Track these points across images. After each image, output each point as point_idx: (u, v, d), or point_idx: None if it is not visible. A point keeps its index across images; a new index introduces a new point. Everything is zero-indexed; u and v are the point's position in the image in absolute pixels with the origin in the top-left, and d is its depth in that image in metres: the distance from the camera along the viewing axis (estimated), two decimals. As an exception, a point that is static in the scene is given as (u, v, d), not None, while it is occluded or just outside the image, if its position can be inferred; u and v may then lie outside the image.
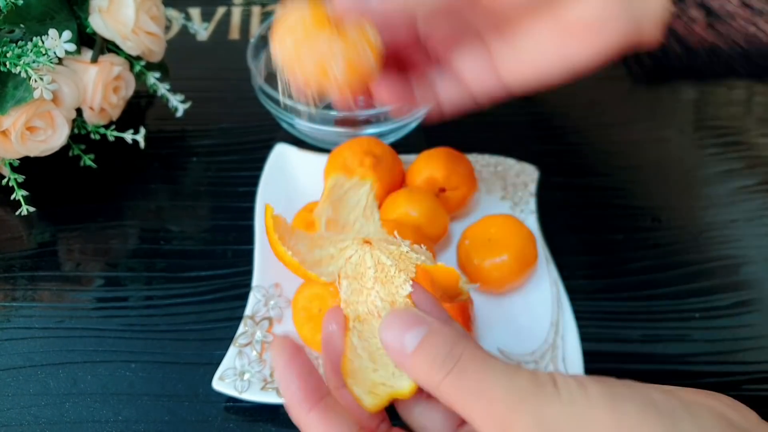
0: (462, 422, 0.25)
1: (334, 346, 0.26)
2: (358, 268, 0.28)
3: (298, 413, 0.24)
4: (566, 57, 0.28)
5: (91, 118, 0.50)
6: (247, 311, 0.41)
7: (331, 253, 0.29)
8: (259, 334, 0.40)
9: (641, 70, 0.30)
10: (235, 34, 0.67)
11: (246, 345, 0.40)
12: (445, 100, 0.31)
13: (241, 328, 0.40)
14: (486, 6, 0.28)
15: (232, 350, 0.39)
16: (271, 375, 0.38)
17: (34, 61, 0.43)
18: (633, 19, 0.27)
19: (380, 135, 0.51)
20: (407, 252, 0.28)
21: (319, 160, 0.48)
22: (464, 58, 0.30)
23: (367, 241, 0.28)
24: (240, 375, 0.38)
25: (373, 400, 0.24)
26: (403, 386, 0.24)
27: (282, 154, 0.50)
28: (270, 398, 0.37)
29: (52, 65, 0.44)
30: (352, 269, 0.28)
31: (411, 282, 0.26)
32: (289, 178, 0.49)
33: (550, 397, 0.21)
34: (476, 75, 0.31)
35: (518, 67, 0.29)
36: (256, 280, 0.43)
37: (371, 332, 0.26)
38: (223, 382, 0.37)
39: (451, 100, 0.31)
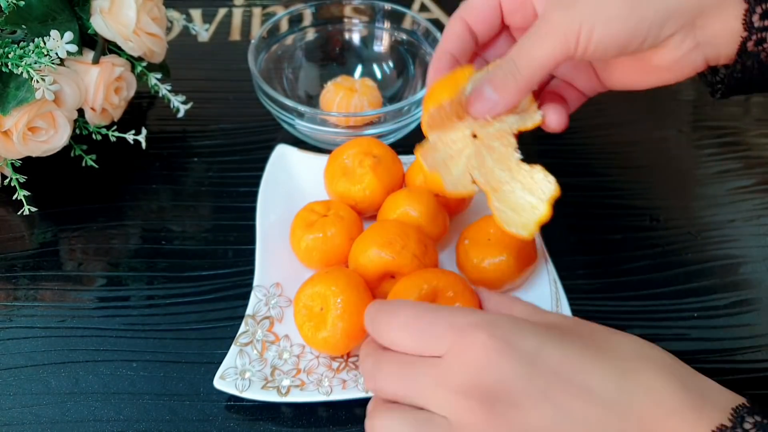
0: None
1: None
2: (479, 160, 0.36)
3: None
4: (650, 83, 0.35)
5: (92, 118, 0.50)
6: (248, 310, 0.41)
7: (452, 152, 0.37)
8: (260, 334, 0.40)
9: (717, 81, 0.34)
10: (236, 35, 0.67)
11: (247, 344, 0.40)
12: (570, 100, 0.39)
13: (242, 328, 0.41)
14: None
15: (233, 349, 0.39)
16: (272, 374, 0.38)
17: (35, 62, 0.43)
18: (704, 56, 0.32)
19: (380, 135, 0.51)
20: (500, 127, 0.36)
21: (320, 160, 0.48)
22: (575, 73, 0.39)
23: (474, 136, 0.36)
24: (241, 374, 0.38)
25: (526, 230, 0.35)
26: (544, 212, 0.36)
27: (283, 154, 0.50)
28: (271, 397, 0.37)
29: (53, 66, 0.44)
30: (477, 163, 0.36)
31: (515, 147, 0.36)
32: (290, 178, 0.49)
33: None
34: (585, 84, 0.39)
35: (615, 83, 0.37)
36: (257, 280, 0.43)
37: (505, 195, 0.36)
38: (224, 381, 0.38)
39: (573, 100, 0.39)
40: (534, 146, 0.55)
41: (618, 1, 0.31)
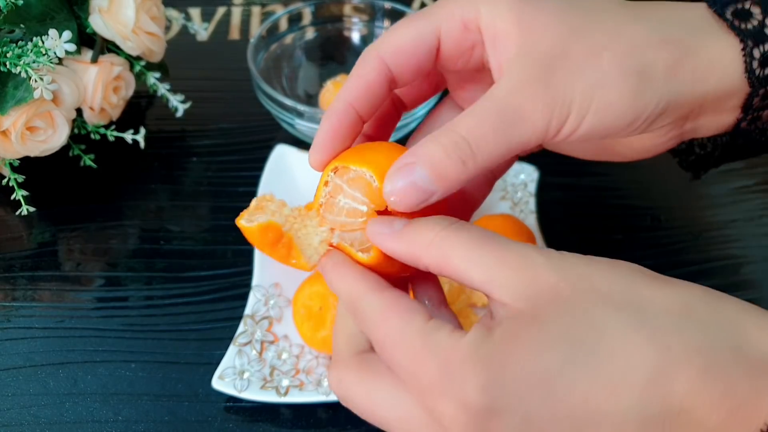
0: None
1: None
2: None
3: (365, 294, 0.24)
4: (598, 158, 0.30)
5: (91, 118, 0.50)
6: (247, 310, 0.41)
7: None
8: (258, 334, 0.40)
9: (690, 166, 0.31)
10: (235, 34, 0.67)
11: (246, 344, 0.40)
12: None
13: (240, 328, 0.40)
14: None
15: (231, 349, 0.39)
16: (271, 374, 0.38)
17: (34, 61, 0.43)
18: (684, 138, 0.28)
19: (380, 135, 0.51)
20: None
21: (319, 160, 0.48)
22: None
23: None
24: (240, 374, 0.38)
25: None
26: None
27: (282, 154, 0.50)
28: (269, 397, 0.37)
29: (52, 65, 0.44)
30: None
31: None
32: (289, 178, 0.49)
33: (552, 252, 0.24)
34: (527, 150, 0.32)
35: (555, 149, 0.31)
36: (255, 280, 0.43)
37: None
38: (223, 381, 0.37)
39: (500, 170, 0.32)
40: (534, 146, 0.55)
41: (621, 87, 0.25)
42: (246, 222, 0.28)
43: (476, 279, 0.23)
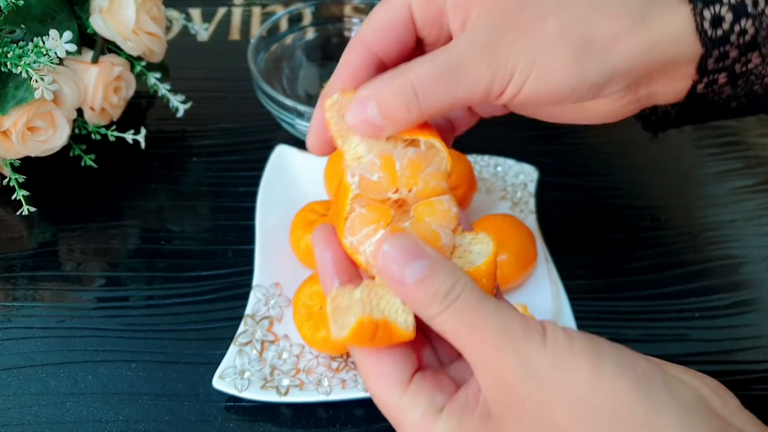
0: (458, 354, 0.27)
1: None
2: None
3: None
4: (573, 121, 0.30)
5: (91, 118, 0.50)
6: (248, 310, 0.41)
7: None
8: (259, 333, 0.40)
9: (649, 125, 0.31)
10: (235, 34, 0.67)
11: (246, 344, 0.40)
12: (457, 124, 0.33)
13: (241, 327, 0.40)
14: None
15: (232, 349, 0.39)
16: (271, 374, 0.38)
17: (35, 62, 0.43)
18: (643, 105, 0.29)
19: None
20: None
21: (320, 160, 0.48)
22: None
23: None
24: (240, 374, 0.38)
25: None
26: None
27: (283, 154, 0.50)
28: (270, 397, 0.37)
29: (52, 65, 0.44)
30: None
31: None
32: (290, 178, 0.49)
33: (536, 344, 0.23)
34: (485, 109, 0.32)
35: (524, 113, 0.31)
36: (256, 280, 0.43)
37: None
38: (223, 381, 0.38)
39: (461, 123, 0.33)
40: (534, 146, 0.55)
41: (561, 55, 0.26)
42: (338, 332, 0.25)
43: (468, 356, 0.24)
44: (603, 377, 0.22)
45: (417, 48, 0.30)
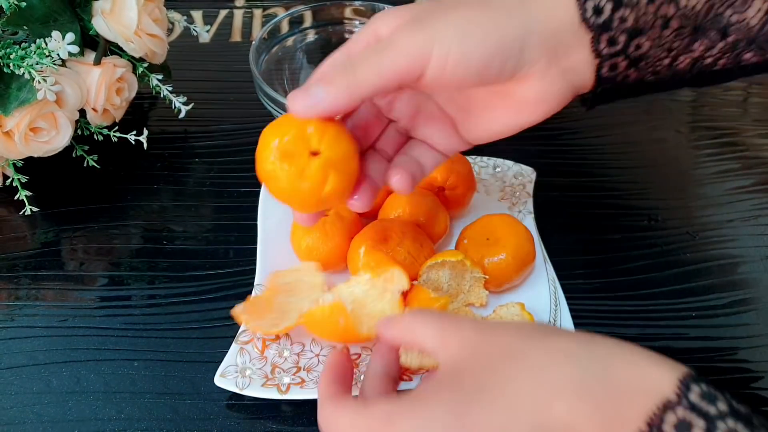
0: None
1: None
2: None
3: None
4: (519, 123, 0.32)
5: (94, 119, 0.50)
6: (249, 310, 0.42)
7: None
8: (260, 332, 0.41)
9: (586, 101, 0.34)
10: (236, 36, 0.67)
11: (248, 342, 0.40)
12: (425, 163, 0.35)
13: (242, 326, 0.41)
14: (445, 92, 0.33)
15: (233, 347, 0.39)
16: (272, 372, 0.39)
17: (37, 63, 0.43)
18: (570, 84, 0.31)
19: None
20: None
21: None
22: (431, 130, 0.34)
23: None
24: (241, 371, 0.38)
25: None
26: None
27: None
28: (271, 394, 0.37)
29: (55, 67, 0.44)
30: None
31: None
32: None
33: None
34: (444, 141, 0.35)
35: (479, 133, 0.34)
36: (258, 278, 0.43)
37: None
38: (225, 379, 0.38)
39: (428, 162, 0.35)
40: (533, 147, 0.55)
41: (476, 21, 0.29)
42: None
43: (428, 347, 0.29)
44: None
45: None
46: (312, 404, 0.38)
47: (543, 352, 0.26)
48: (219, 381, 0.38)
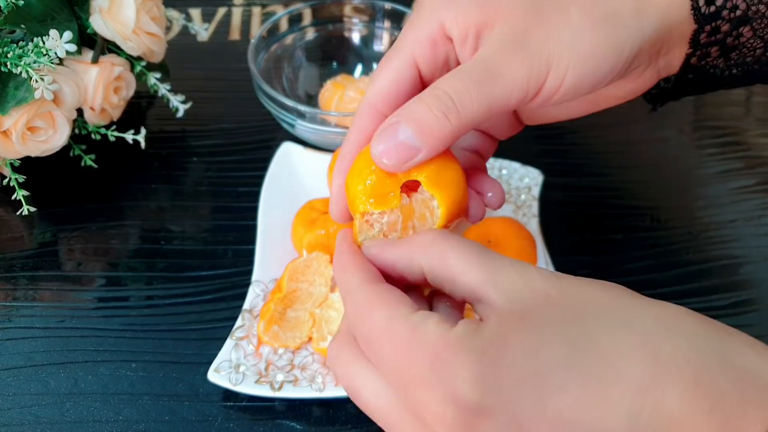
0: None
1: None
2: None
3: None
4: (588, 112, 0.30)
5: (91, 118, 0.50)
6: (246, 305, 0.41)
7: None
8: (256, 328, 0.40)
9: (653, 99, 0.32)
10: (235, 34, 0.67)
11: (243, 338, 0.40)
12: (485, 154, 0.32)
13: (238, 322, 0.40)
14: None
15: (228, 343, 0.39)
16: (266, 369, 0.38)
17: (35, 62, 0.43)
18: (659, 77, 0.29)
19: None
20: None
21: (324, 159, 0.49)
22: (495, 125, 0.32)
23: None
24: (235, 368, 0.38)
25: None
26: None
27: (288, 152, 0.50)
28: (263, 391, 0.37)
29: (52, 65, 0.44)
30: None
31: None
32: (294, 176, 0.49)
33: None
34: (501, 128, 0.32)
35: (540, 120, 0.31)
36: (255, 275, 0.43)
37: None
38: (218, 374, 0.38)
39: (487, 152, 0.32)
40: (534, 146, 0.55)
41: (593, 36, 0.26)
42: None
43: (472, 279, 0.23)
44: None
45: None
46: (311, 406, 0.38)
47: (651, 319, 0.21)
48: (212, 376, 0.37)
